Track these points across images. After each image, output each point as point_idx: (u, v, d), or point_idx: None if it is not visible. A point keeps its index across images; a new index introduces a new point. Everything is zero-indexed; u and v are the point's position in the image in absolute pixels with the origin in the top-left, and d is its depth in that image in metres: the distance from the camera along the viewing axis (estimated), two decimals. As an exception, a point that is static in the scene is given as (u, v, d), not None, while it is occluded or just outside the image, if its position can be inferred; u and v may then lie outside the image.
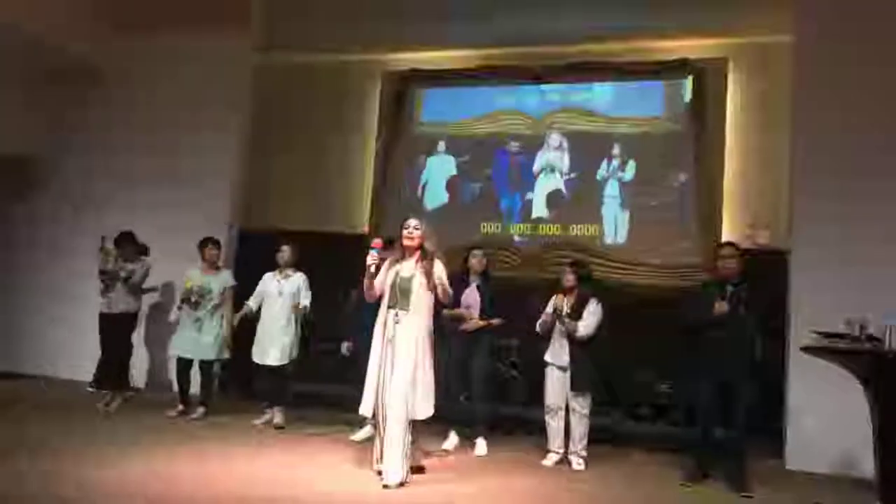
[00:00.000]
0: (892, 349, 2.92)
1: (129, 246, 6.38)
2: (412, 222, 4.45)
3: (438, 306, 4.62)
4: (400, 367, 4.18)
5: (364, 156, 8.85)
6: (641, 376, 6.99)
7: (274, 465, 4.47)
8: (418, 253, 4.39)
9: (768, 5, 6.68)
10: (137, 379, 7.11)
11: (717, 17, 7.23)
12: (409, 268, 4.37)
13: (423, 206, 8.46)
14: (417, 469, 4.37)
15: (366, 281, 4.37)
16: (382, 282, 4.37)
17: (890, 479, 2.90)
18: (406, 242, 4.40)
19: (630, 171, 7.89)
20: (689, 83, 7.77)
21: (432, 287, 4.31)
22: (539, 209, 8.17)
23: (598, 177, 7.99)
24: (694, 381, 4.87)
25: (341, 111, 8.86)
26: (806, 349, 3.33)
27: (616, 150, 7.97)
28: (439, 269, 4.35)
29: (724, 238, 7.16)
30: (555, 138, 8.24)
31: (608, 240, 7.83)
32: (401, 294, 4.29)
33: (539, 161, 8.26)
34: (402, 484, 4.06)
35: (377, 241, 4.45)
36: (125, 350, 6.46)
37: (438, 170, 8.64)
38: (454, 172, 8.56)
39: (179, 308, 6.03)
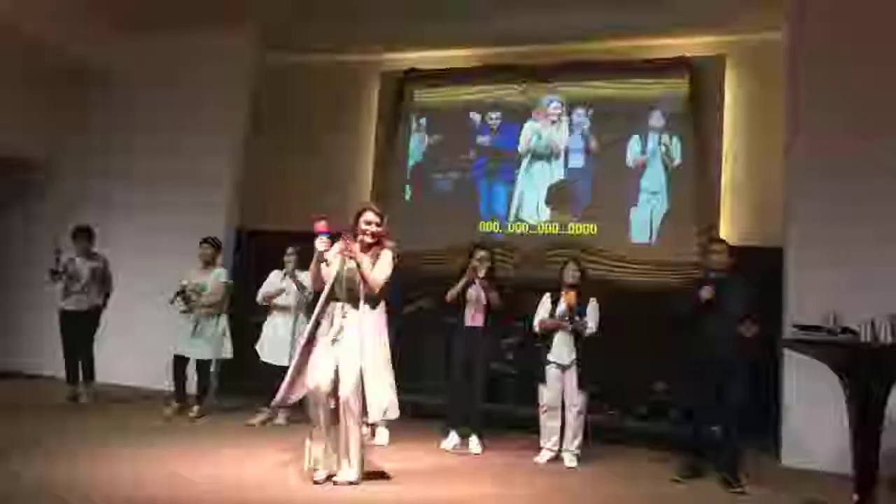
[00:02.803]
0: (867, 342, 2.93)
1: (85, 242, 6.42)
2: (370, 216, 4.14)
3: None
4: (348, 365, 3.91)
5: (363, 155, 8.87)
6: (637, 375, 6.99)
7: (267, 467, 4.40)
8: (376, 248, 4.12)
9: (766, 2, 6.66)
10: (112, 374, 7.09)
11: (715, 13, 7.20)
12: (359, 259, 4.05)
13: (421, 206, 8.50)
14: (378, 475, 4.17)
15: (312, 268, 4.10)
16: (335, 273, 4.06)
17: (866, 470, 2.91)
18: (362, 238, 4.11)
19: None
20: (686, 80, 7.75)
21: (371, 281, 3.99)
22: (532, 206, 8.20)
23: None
24: (687, 377, 4.90)
25: (340, 111, 8.89)
26: (785, 343, 3.35)
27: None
28: (384, 261, 4.07)
29: (722, 236, 7.18)
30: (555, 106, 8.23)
31: (606, 238, 7.83)
32: (346, 286, 4.02)
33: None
34: (354, 482, 3.89)
35: (322, 225, 4.05)
36: (91, 345, 6.49)
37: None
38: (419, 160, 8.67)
39: (172, 302, 6.03)
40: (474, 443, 5.37)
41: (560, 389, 5.22)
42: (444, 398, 5.74)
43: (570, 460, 5.14)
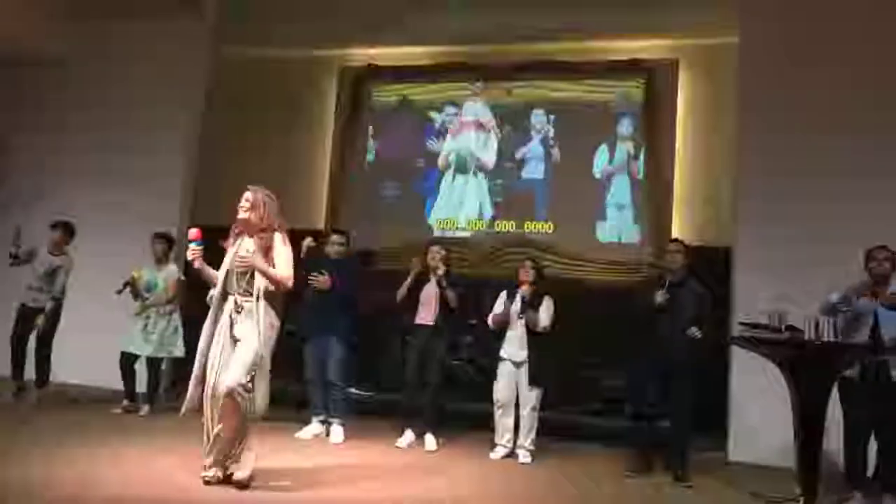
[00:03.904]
0: (810, 339, 3.03)
1: (58, 236, 6.18)
2: (246, 194, 3.91)
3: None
4: (240, 358, 3.69)
5: (321, 151, 8.81)
6: (591, 371, 7.09)
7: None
8: (260, 230, 3.84)
9: (717, 6, 6.79)
10: (70, 374, 6.90)
11: (668, 17, 7.33)
12: (247, 247, 3.84)
13: (379, 203, 8.48)
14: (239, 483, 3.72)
15: (204, 274, 3.92)
16: (225, 265, 3.86)
17: (809, 464, 3.01)
18: (239, 216, 3.88)
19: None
20: (640, 83, 7.88)
21: (276, 282, 3.78)
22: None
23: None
24: (638, 374, 4.99)
25: (298, 106, 8.81)
26: (731, 339, 3.45)
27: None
28: (280, 250, 3.84)
29: (674, 235, 7.34)
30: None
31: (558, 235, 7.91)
32: (238, 278, 3.81)
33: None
34: (250, 478, 3.70)
35: (195, 232, 3.87)
36: (44, 347, 6.23)
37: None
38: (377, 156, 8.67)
39: (118, 293, 5.88)
40: (429, 440, 5.39)
41: (514, 386, 5.27)
42: (400, 396, 5.74)
43: (523, 456, 5.19)
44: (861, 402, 4.30)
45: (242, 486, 3.67)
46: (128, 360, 5.98)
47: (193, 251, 3.82)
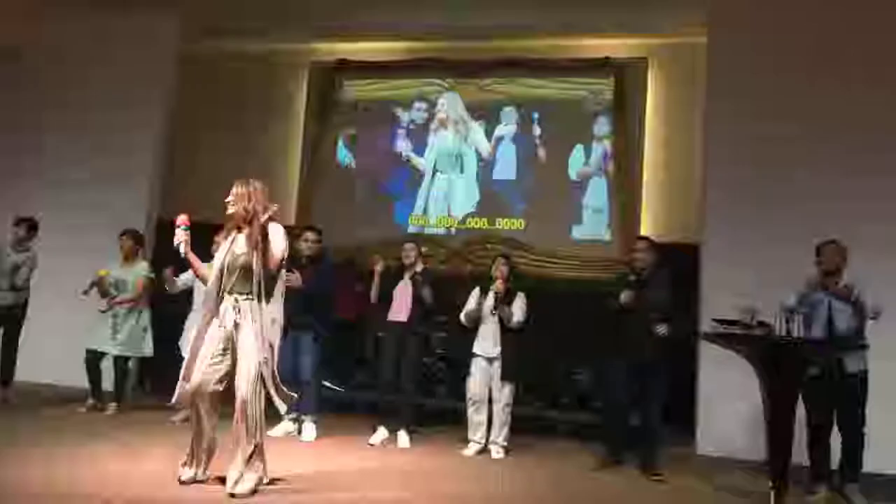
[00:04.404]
0: (780, 335, 3.10)
1: (22, 233, 6.03)
2: (233, 188, 3.79)
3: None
4: (245, 364, 3.58)
5: (292, 148, 8.73)
6: (564, 366, 7.15)
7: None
8: (252, 225, 3.71)
9: (686, 6, 6.87)
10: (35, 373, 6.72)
11: (638, 16, 7.40)
12: (242, 242, 3.74)
13: (352, 200, 8.45)
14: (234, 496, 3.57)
15: (189, 261, 3.82)
16: (219, 262, 3.73)
17: (780, 457, 3.08)
18: (228, 211, 3.77)
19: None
20: (609, 82, 7.94)
21: (272, 262, 3.67)
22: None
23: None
24: (609, 371, 5.05)
25: (269, 100, 8.73)
26: (704, 335, 3.51)
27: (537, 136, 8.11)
28: (274, 237, 3.69)
29: (643, 233, 7.44)
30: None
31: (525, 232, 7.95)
32: (235, 275, 3.69)
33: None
34: (254, 492, 3.54)
35: (183, 218, 3.76)
36: (9, 346, 6.09)
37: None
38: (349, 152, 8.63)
39: (85, 293, 5.75)
40: (402, 438, 5.38)
41: (487, 382, 5.29)
42: (372, 394, 5.73)
43: (496, 452, 5.22)
44: (821, 397, 4.41)
45: (235, 496, 3.48)
46: (93, 358, 5.87)
47: (180, 236, 3.73)
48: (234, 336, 3.64)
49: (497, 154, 8.21)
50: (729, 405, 5.72)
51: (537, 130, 8.12)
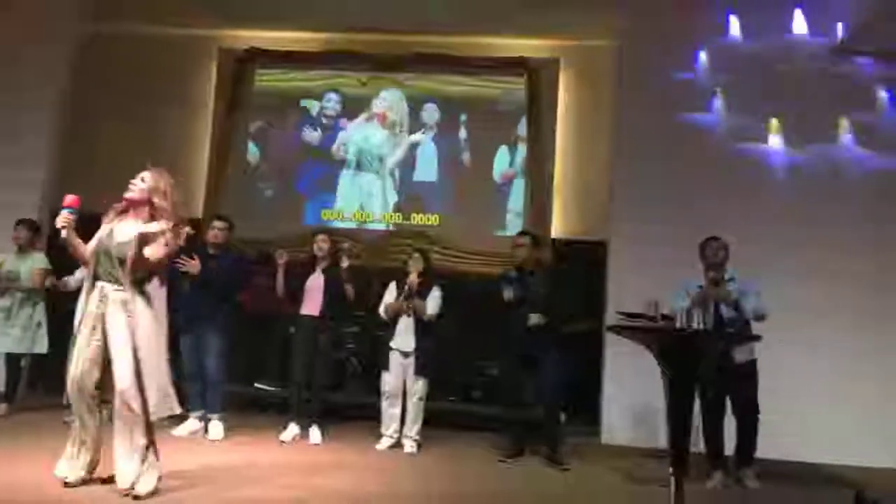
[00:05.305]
0: (682, 327, 3.27)
1: None
2: (144, 174, 3.60)
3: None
4: (120, 357, 3.37)
5: (200, 138, 8.43)
6: (473, 359, 7.24)
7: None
8: (146, 212, 3.54)
9: (596, 8, 7.06)
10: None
11: (551, 17, 7.52)
12: (127, 230, 3.49)
13: (264, 191, 8.27)
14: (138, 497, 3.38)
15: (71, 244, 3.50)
16: (95, 243, 3.51)
17: (680, 445, 3.24)
18: (128, 194, 3.57)
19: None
20: (524, 81, 8.07)
21: (149, 264, 3.43)
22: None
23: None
24: (505, 364, 5.29)
25: (176, 88, 8.31)
26: (610, 328, 3.65)
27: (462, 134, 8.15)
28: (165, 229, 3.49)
29: (554, 231, 7.69)
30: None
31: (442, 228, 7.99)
32: (110, 262, 3.45)
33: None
34: (155, 491, 3.40)
35: (71, 198, 3.48)
36: None
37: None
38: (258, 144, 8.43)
39: None
40: (314, 434, 5.32)
41: (402, 376, 5.31)
42: (285, 389, 5.64)
43: (409, 447, 5.24)
44: (715, 387, 4.65)
45: (139, 499, 3.34)
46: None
47: (65, 218, 3.42)
48: (105, 327, 3.42)
49: (418, 151, 8.19)
50: (633, 395, 5.95)
51: (457, 129, 8.14)
